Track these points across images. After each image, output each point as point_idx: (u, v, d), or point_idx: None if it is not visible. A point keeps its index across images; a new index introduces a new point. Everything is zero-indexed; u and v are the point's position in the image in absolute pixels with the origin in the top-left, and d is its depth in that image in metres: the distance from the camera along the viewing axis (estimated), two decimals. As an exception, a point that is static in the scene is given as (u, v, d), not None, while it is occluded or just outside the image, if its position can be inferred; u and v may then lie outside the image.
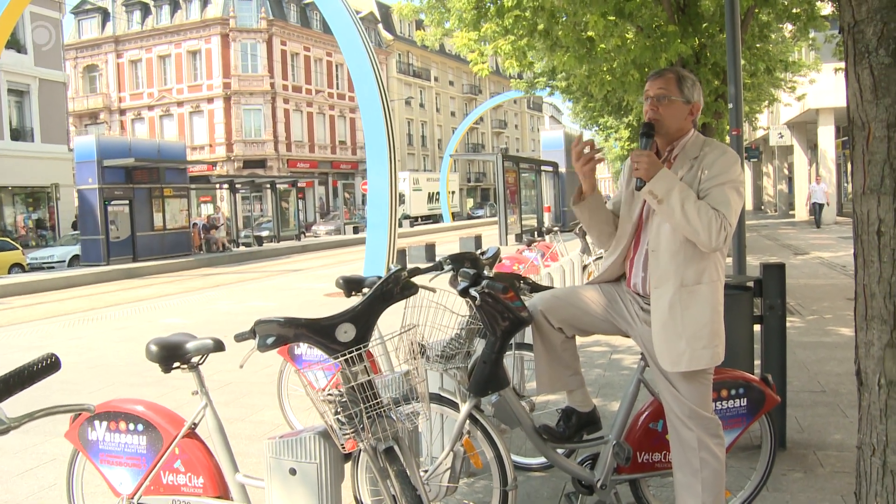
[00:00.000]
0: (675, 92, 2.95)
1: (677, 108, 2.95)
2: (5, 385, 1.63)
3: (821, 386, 5.92)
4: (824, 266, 14.41)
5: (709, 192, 2.82)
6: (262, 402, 6.17)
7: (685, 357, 2.84)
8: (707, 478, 2.94)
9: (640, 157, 2.80)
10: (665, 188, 2.75)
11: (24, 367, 1.78)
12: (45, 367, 1.82)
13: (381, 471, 2.65)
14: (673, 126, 2.96)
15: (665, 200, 2.75)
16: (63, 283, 20.24)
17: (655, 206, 2.81)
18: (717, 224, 2.73)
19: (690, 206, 2.73)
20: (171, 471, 3.04)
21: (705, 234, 2.73)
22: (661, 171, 2.77)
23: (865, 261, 1.61)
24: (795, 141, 30.78)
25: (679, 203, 2.73)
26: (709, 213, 2.73)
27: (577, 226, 10.20)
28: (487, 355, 3.14)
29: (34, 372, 1.77)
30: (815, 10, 10.41)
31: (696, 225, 2.73)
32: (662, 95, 2.94)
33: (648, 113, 2.97)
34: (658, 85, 2.96)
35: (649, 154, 2.81)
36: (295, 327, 2.57)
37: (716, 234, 2.73)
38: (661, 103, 2.94)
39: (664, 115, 2.94)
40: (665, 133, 2.97)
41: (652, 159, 2.79)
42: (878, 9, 1.49)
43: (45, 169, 32.20)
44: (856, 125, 1.61)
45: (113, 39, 52.32)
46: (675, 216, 2.76)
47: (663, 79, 2.98)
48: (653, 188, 2.76)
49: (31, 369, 1.76)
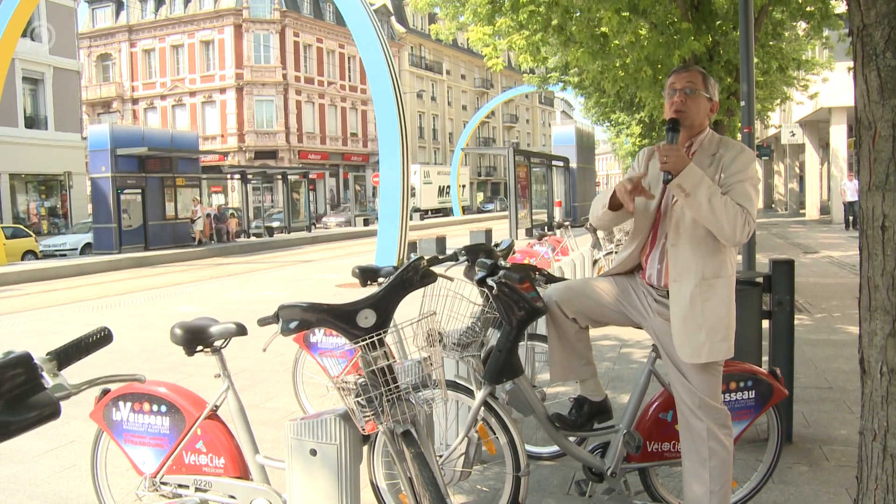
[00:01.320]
0: (702, 87, 3.02)
1: (702, 102, 3.03)
2: (65, 355, 1.76)
3: (828, 382, 5.98)
4: (834, 265, 14.43)
5: (731, 187, 2.89)
6: (276, 389, 6.27)
7: (705, 349, 2.92)
8: (715, 467, 3.02)
9: (669, 151, 2.84)
10: (693, 182, 2.81)
11: (80, 338, 1.90)
12: (99, 340, 1.95)
13: (399, 453, 2.74)
14: (697, 120, 3.03)
15: (693, 194, 2.81)
16: (75, 270, 20.43)
17: (683, 199, 2.87)
18: (742, 219, 2.81)
19: (717, 200, 2.80)
20: (193, 451, 3.13)
21: (730, 228, 2.81)
22: (689, 166, 2.83)
23: (870, 254, 1.69)
24: (807, 139, 30.69)
25: (706, 197, 2.80)
26: (734, 209, 2.81)
27: (588, 221, 10.25)
28: (503, 344, 3.22)
29: (90, 343, 1.90)
30: (830, 9, 10.40)
31: (723, 219, 2.80)
32: (691, 89, 3.01)
33: (676, 104, 3.02)
34: (686, 78, 3.03)
35: (678, 149, 2.86)
36: (317, 312, 2.65)
37: (740, 228, 2.81)
38: (690, 96, 3.01)
39: (691, 107, 3.01)
40: (689, 126, 3.04)
41: (680, 154, 2.83)
42: (885, 13, 1.57)
43: (58, 157, 32.40)
44: (863, 125, 1.69)
45: (126, 29, 52.46)
46: (702, 210, 2.82)
47: (690, 73, 3.04)
48: (681, 182, 2.81)
49: (86, 341, 1.89)
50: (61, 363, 1.72)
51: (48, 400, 1.12)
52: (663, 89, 3.22)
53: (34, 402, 1.12)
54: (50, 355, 1.73)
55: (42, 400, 1.12)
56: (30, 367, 1.13)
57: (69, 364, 1.77)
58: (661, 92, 8.02)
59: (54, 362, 1.70)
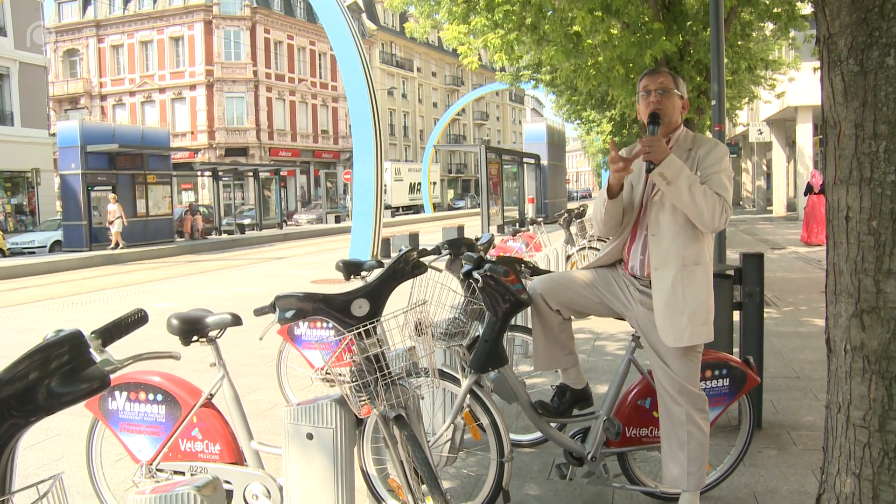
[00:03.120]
0: (673, 86, 3.20)
1: (676, 101, 3.21)
2: (108, 334, 1.91)
3: (795, 372, 6.19)
4: (800, 260, 14.76)
5: (709, 178, 3.06)
6: (258, 382, 6.35)
7: (687, 332, 3.08)
8: (693, 450, 3.18)
9: (651, 142, 2.99)
10: (674, 171, 2.96)
11: (119, 319, 2.02)
12: (137, 320, 2.08)
13: (391, 437, 2.87)
14: (672, 117, 3.21)
15: (674, 182, 2.96)
16: (45, 268, 20.25)
17: (665, 188, 3.02)
18: (720, 207, 2.98)
19: (697, 188, 2.96)
20: (189, 438, 3.23)
21: (709, 214, 2.97)
22: (670, 156, 2.98)
23: (836, 242, 1.85)
24: (774, 138, 31.18)
25: (687, 186, 2.96)
26: (713, 197, 2.98)
27: (562, 216, 10.43)
28: (488, 334, 3.35)
29: (128, 323, 2.02)
30: (796, 11, 10.66)
31: (702, 206, 2.96)
32: (664, 89, 3.17)
33: (653, 104, 3.17)
34: (658, 80, 3.20)
35: (659, 139, 3.01)
36: (313, 302, 2.77)
37: (718, 215, 2.98)
38: (664, 96, 3.17)
39: (666, 105, 3.17)
40: (666, 123, 3.20)
41: (662, 144, 2.99)
42: (848, 24, 1.73)
43: (25, 153, 31.92)
44: (829, 124, 1.85)
45: (94, 24, 51.80)
46: (682, 197, 2.98)
47: (661, 75, 3.22)
48: (663, 171, 2.97)
49: (126, 321, 2.02)
50: (105, 341, 1.85)
51: (99, 373, 1.23)
52: (635, 88, 3.38)
53: (86, 376, 1.22)
54: (95, 334, 1.87)
55: (93, 373, 1.22)
56: (81, 343, 1.23)
57: (112, 342, 1.90)
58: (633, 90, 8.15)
59: (99, 340, 1.83)
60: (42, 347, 1.21)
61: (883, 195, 1.73)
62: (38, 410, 1.20)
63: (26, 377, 1.19)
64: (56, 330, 1.27)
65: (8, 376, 1.18)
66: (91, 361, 1.23)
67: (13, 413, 1.20)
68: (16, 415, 1.20)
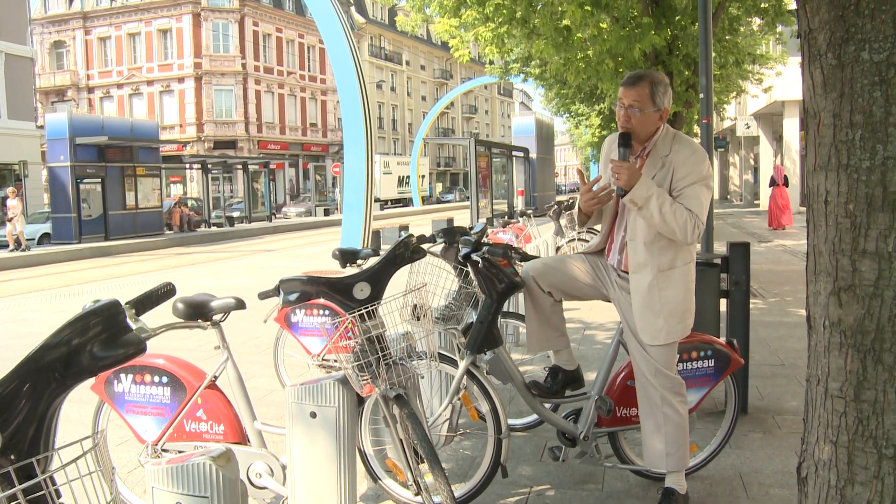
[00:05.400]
0: (648, 104, 3.18)
1: (648, 117, 3.20)
2: (140, 305, 2.03)
3: (780, 360, 6.34)
4: (787, 253, 14.96)
5: (682, 191, 3.15)
6: (253, 369, 6.44)
7: (663, 332, 3.22)
8: (670, 432, 3.30)
9: (620, 168, 3.09)
10: (644, 196, 3.06)
11: (150, 291, 2.14)
12: (166, 293, 2.20)
13: (391, 417, 2.98)
14: (644, 132, 3.25)
15: (644, 207, 3.08)
16: (34, 260, 20.26)
17: (636, 211, 3.15)
18: (692, 224, 3.08)
19: (667, 209, 3.06)
20: (193, 419, 3.33)
21: (681, 233, 3.09)
22: (639, 182, 3.07)
23: (815, 225, 1.97)
24: (761, 132, 31.38)
25: (657, 208, 3.06)
26: (683, 215, 3.07)
27: (552, 208, 10.56)
28: (484, 316, 3.47)
29: (159, 295, 2.14)
30: (783, 6, 10.80)
31: (673, 226, 3.07)
32: (636, 108, 3.18)
33: (621, 122, 3.24)
34: (632, 96, 3.18)
35: (629, 166, 3.10)
36: (317, 285, 2.88)
37: (689, 232, 3.09)
38: (634, 116, 3.19)
39: (636, 125, 3.20)
40: (637, 138, 3.26)
41: (631, 170, 3.08)
42: (827, 20, 1.85)
43: (12, 146, 31.70)
44: (809, 114, 1.97)
45: (81, 15, 51.49)
46: (654, 220, 3.09)
47: (637, 90, 3.18)
48: (633, 197, 3.08)
49: (156, 293, 2.13)
50: (138, 311, 1.97)
51: (136, 339, 1.33)
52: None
53: (124, 341, 1.32)
54: (129, 304, 1.98)
55: (131, 339, 1.32)
56: (119, 312, 1.34)
57: (144, 312, 2.02)
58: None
59: (133, 310, 1.95)
60: (83, 315, 1.32)
61: (859, 180, 1.85)
62: (81, 373, 1.31)
63: (70, 342, 1.30)
64: (94, 300, 1.38)
65: (54, 341, 1.29)
66: (128, 328, 1.34)
67: (57, 375, 1.30)
68: (60, 377, 1.30)
